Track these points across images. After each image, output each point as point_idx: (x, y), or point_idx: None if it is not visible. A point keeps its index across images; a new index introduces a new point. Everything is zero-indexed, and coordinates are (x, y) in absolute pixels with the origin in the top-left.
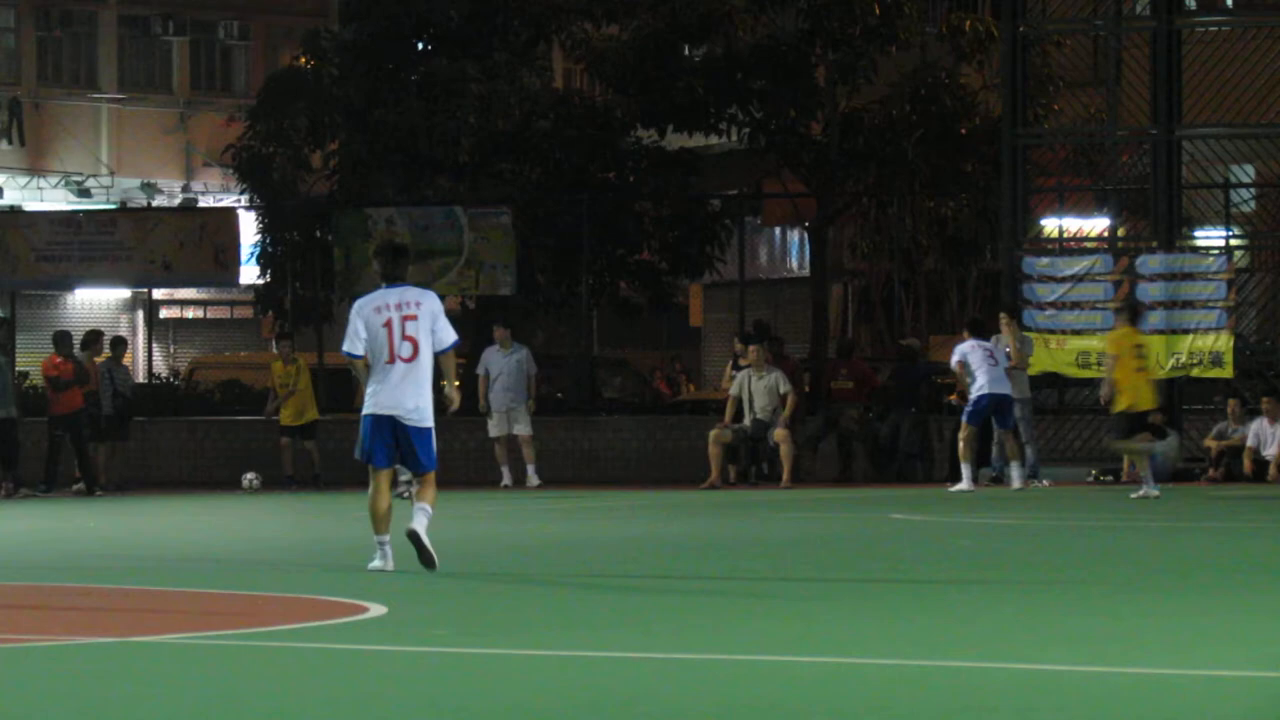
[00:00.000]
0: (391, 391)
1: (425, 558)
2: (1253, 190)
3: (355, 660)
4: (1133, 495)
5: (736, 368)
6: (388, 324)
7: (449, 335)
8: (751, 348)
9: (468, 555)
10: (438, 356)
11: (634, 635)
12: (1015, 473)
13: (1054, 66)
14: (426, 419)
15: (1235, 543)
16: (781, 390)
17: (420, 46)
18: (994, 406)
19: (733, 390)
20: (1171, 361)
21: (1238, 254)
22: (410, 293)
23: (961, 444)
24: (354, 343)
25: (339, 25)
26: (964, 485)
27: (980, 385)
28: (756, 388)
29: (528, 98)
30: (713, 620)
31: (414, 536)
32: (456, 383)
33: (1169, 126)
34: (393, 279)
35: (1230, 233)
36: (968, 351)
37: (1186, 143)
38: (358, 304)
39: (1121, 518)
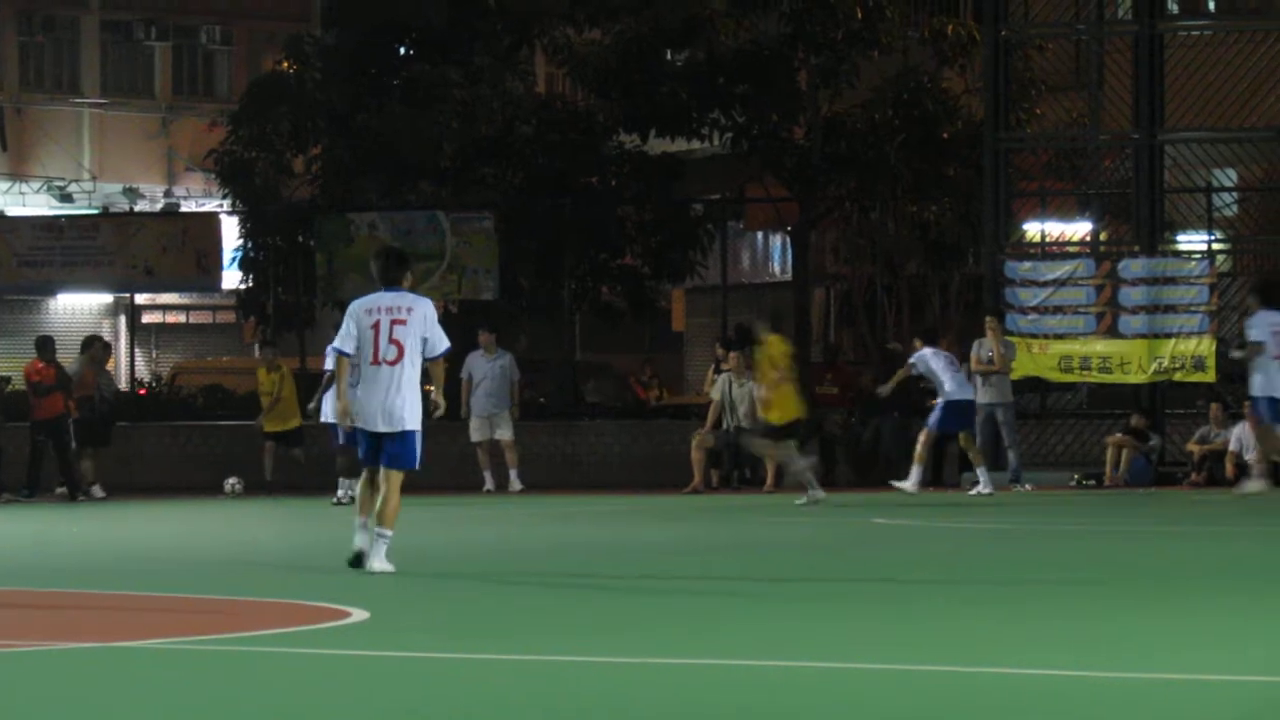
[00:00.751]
0: (372, 399)
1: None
2: (1235, 194)
3: (338, 665)
4: (798, 502)
5: (718, 372)
6: (375, 326)
7: (441, 343)
8: (732, 354)
9: (450, 559)
10: (426, 363)
11: (617, 639)
12: (983, 477)
13: (1036, 71)
14: (407, 423)
15: (1218, 546)
16: (757, 395)
17: (402, 51)
18: (962, 411)
19: (714, 395)
20: (1154, 366)
21: (1220, 258)
22: (405, 298)
23: (920, 448)
24: (344, 340)
25: (321, 30)
26: (910, 485)
27: (950, 391)
28: (738, 394)
29: (510, 102)
30: (695, 625)
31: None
32: (440, 389)
33: (1151, 131)
34: (389, 283)
35: (1212, 237)
36: (929, 358)
37: (1169, 147)
38: (353, 305)
39: (1104, 522)
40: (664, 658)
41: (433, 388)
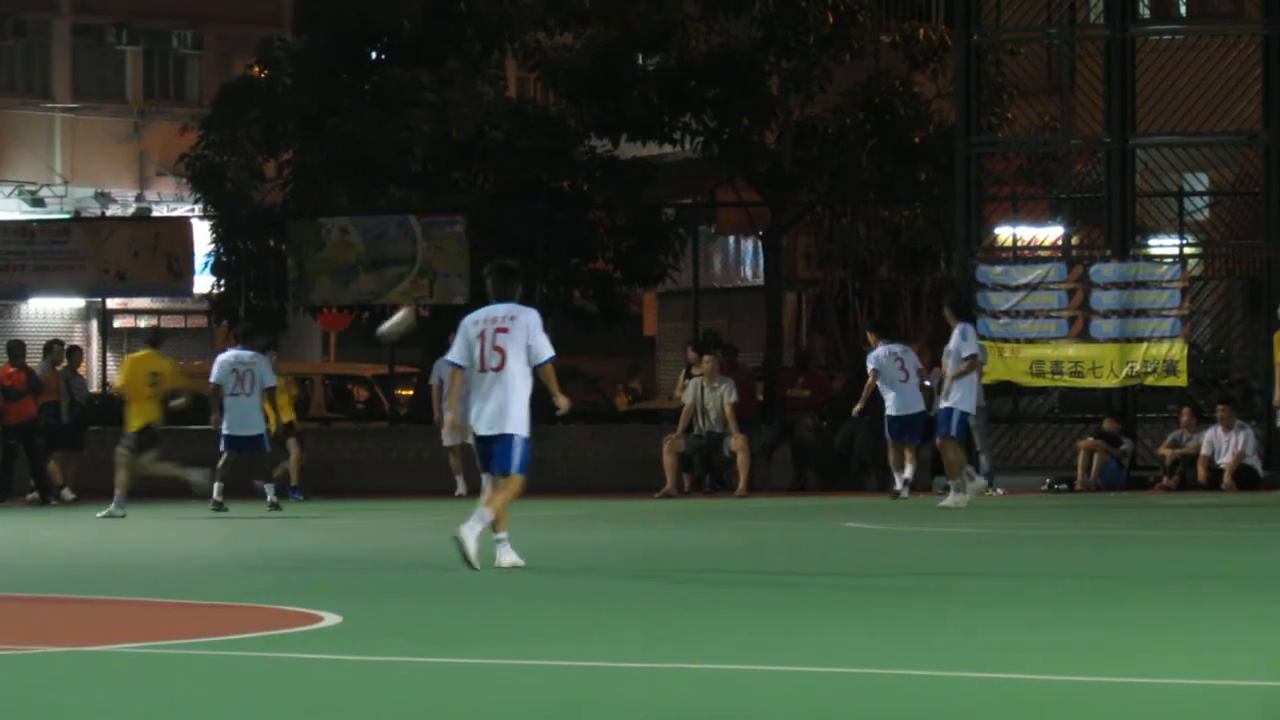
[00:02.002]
0: (478, 405)
1: (465, 559)
2: (1206, 198)
3: (310, 670)
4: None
5: (690, 376)
6: (481, 335)
7: (544, 351)
8: (705, 358)
9: (421, 564)
10: (536, 370)
11: (590, 643)
12: (900, 480)
13: (1008, 75)
14: (509, 426)
15: (1192, 551)
16: (726, 400)
17: (374, 55)
18: (907, 425)
19: (686, 399)
20: (1125, 370)
21: (1191, 262)
22: (512, 309)
23: (894, 455)
24: (455, 352)
25: (292, 34)
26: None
27: (891, 405)
28: (709, 398)
29: (481, 107)
30: (668, 629)
31: (457, 542)
32: (559, 393)
33: (1123, 135)
34: (500, 297)
35: (1184, 241)
36: (884, 360)
37: (1140, 151)
38: (465, 319)
39: (1076, 526)
40: (637, 662)
41: (553, 394)
